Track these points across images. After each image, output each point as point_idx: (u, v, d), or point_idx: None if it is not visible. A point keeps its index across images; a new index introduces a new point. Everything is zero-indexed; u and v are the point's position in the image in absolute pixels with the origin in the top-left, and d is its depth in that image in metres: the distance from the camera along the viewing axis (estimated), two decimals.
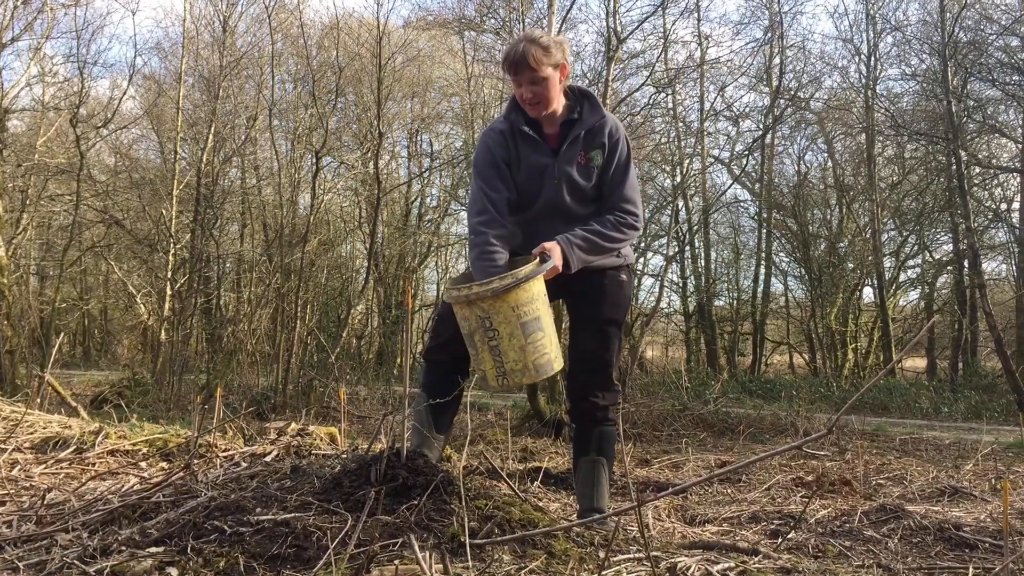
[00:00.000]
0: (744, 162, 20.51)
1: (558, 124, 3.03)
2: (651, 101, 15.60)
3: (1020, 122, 17.83)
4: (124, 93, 17.17)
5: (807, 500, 3.92)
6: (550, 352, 2.82)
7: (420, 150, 23.76)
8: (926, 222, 19.57)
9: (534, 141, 3.02)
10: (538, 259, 2.82)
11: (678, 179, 19.32)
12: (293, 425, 4.20)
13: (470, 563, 2.08)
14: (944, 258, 20.12)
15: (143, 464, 3.86)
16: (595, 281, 3.03)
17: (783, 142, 21.59)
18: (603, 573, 2.07)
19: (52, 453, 4.04)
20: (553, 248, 2.83)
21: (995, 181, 19.08)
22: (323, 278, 18.02)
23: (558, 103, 3.00)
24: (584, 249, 2.90)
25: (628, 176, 3.04)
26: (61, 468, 3.81)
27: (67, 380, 13.53)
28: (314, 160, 13.85)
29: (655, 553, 2.31)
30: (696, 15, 19.31)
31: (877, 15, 19.63)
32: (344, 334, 15.77)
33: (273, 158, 17.44)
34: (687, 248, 20.70)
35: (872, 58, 19.58)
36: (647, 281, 21.06)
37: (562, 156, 3.00)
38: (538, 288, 2.78)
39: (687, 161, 19.66)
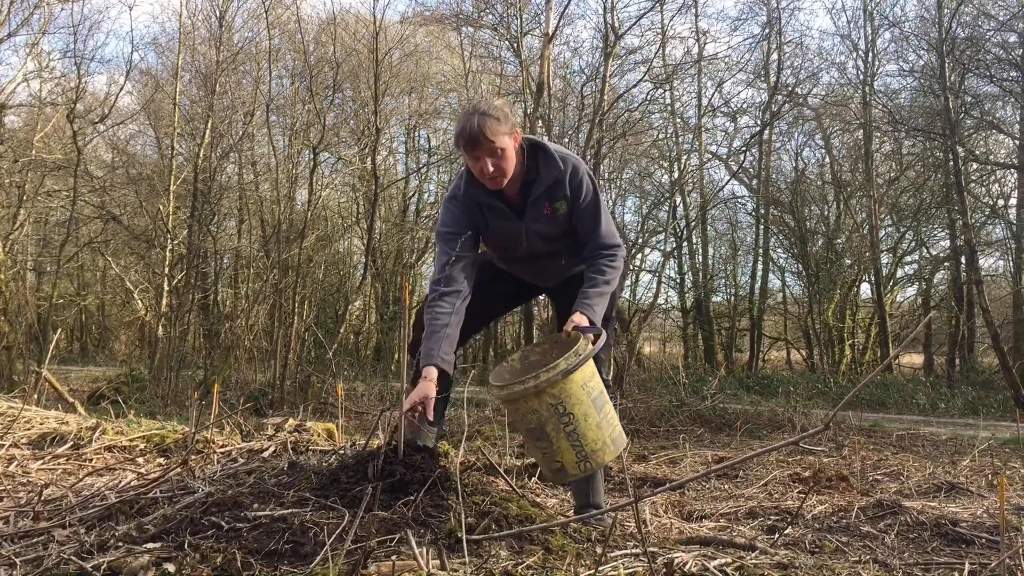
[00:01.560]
0: (742, 158, 20.47)
1: (518, 184, 3.04)
2: (649, 97, 15.59)
3: (1017, 118, 17.84)
4: (121, 89, 17.15)
5: (804, 496, 3.93)
6: (618, 423, 2.82)
7: (417, 146, 23.78)
8: (923, 218, 19.57)
9: (498, 209, 3.05)
10: (581, 337, 2.77)
11: (676, 175, 19.32)
12: (290, 421, 4.20)
13: (467, 559, 2.08)
14: (941, 254, 20.13)
15: (140, 460, 3.85)
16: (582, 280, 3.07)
17: (781, 138, 21.58)
18: (600, 569, 2.07)
19: (49, 449, 4.04)
20: (581, 320, 2.87)
21: (992, 177, 19.09)
22: (321, 274, 17.99)
23: (515, 167, 2.99)
24: (600, 304, 2.97)
25: (599, 213, 3.06)
26: (58, 464, 3.81)
27: (64, 376, 13.51)
28: (311, 156, 13.84)
29: (652, 549, 2.31)
30: (694, 11, 19.27)
31: (875, 11, 19.62)
32: (342, 330, 15.77)
33: (270, 154, 17.41)
34: (685, 244, 20.71)
35: (870, 54, 19.58)
36: (644, 277, 21.09)
37: (528, 217, 3.05)
38: (593, 364, 2.76)
39: (685, 157, 19.66)
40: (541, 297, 3.05)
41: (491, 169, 2.87)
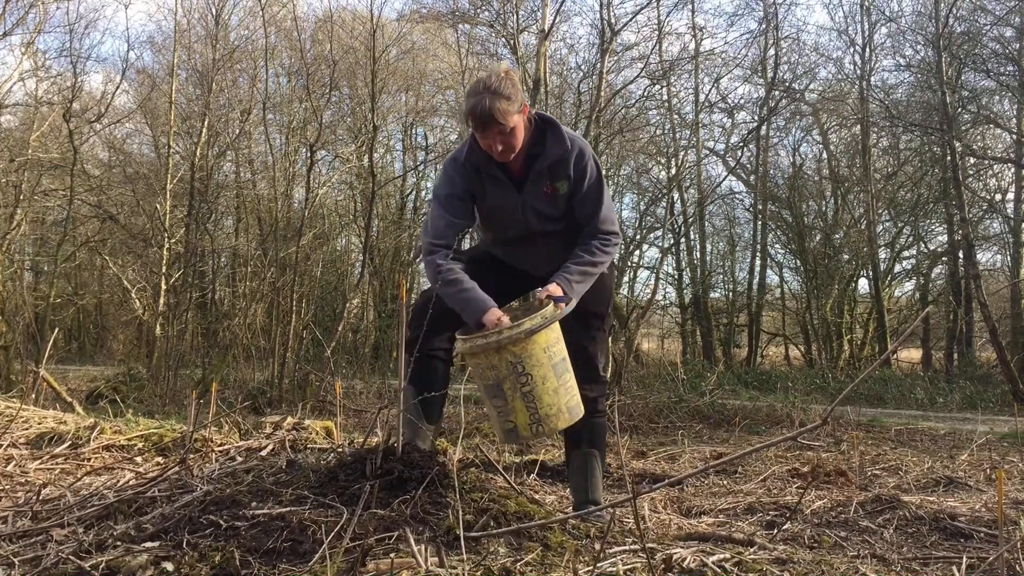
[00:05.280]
0: (739, 154, 20.51)
1: (522, 157, 3.02)
2: (646, 93, 15.63)
3: (1014, 112, 17.85)
4: (117, 87, 17.14)
5: (803, 491, 3.93)
6: (577, 394, 2.82)
7: (415, 143, 23.75)
8: (921, 213, 19.59)
9: (498, 179, 3.03)
10: (552, 302, 2.78)
11: (673, 171, 19.32)
12: (289, 419, 4.20)
13: (465, 556, 2.08)
14: (939, 249, 20.14)
15: (138, 459, 3.85)
16: None
17: (778, 134, 21.58)
18: (599, 565, 2.07)
19: (47, 449, 4.03)
20: (556, 290, 2.85)
21: (989, 172, 19.12)
22: (318, 272, 17.97)
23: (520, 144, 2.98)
24: (581, 282, 2.95)
25: (602, 198, 3.05)
26: (56, 463, 3.80)
27: (62, 375, 13.48)
28: (309, 154, 13.79)
29: (651, 545, 2.31)
30: (690, 6, 19.33)
31: (871, 6, 19.62)
32: (340, 328, 15.74)
33: (267, 152, 17.40)
34: (682, 240, 20.71)
35: (867, 49, 19.58)
36: (642, 274, 21.09)
37: (527, 192, 3.02)
38: (559, 330, 2.78)
39: (682, 153, 19.66)
40: (534, 294, 3.03)
41: (500, 148, 2.89)
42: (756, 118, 19.90)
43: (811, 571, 2.21)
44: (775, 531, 3.11)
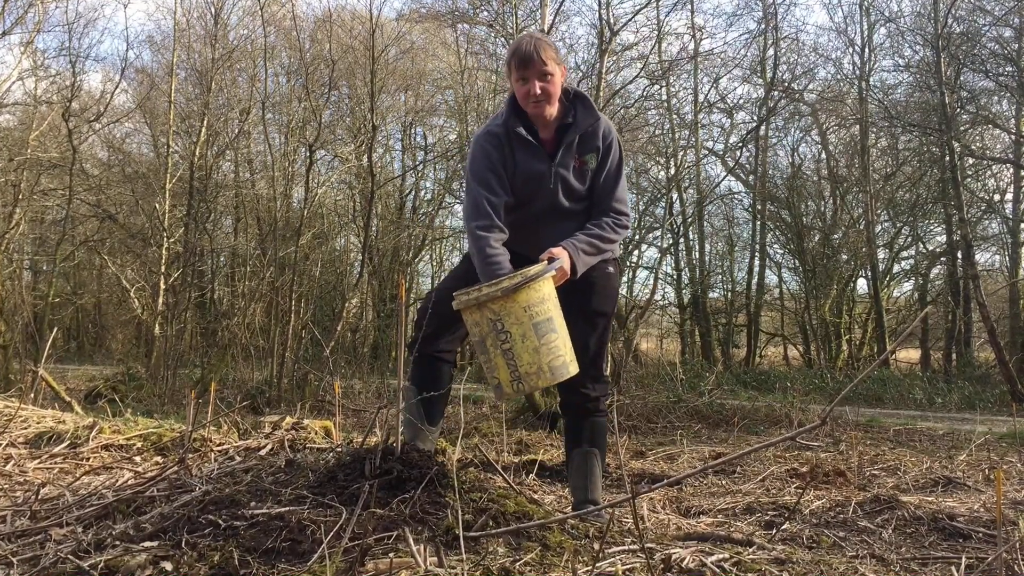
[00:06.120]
0: (738, 154, 20.53)
1: (553, 128, 3.07)
2: (645, 93, 15.59)
3: (1013, 113, 17.86)
4: (116, 87, 17.10)
5: (801, 491, 3.93)
6: (565, 355, 2.81)
7: (414, 143, 23.75)
8: (920, 213, 19.61)
9: (531, 146, 3.04)
10: (546, 261, 2.83)
11: (672, 171, 19.31)
12: (288, 419, 4.19)
13: (464, 556, 2.08)
14: (938, 249, 20.17)
15: (137, 459, 3.85)
16: (584, 274, 3.05)
17: (777, 134, 21.61)
18: (598, 565, 2.07)
19: (46, 448, 4.03)
20: (560, 253, 2.88)
21: (988, 172, 19.14)
22: (317, 272, 17.97)
23: (558, 100, 3.03)
24: (588, 253, 2.98)
25: (620, 178, 3.12)
26: (55, 463, 3.80)
27: (61, 375, 13.48)
28: (308, 153, 13.79)
29: (650, 545, 2.31)
30: (690, 6, 19.35)
31: (871, 6, 19.65)
32: (339, 328, 15.74)
33: (266, 152, 17.38)
34: (681, 240, 20.72)
35: (866, 49, 19.61)
36: (641, 273, 21.11)
37: (559, 161, 3.05)
38: (548, 289, 2.78)
39: (681, 153, 19.64)
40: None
41: (538, 91, 2.93)
42: (755, 118, 19.93)
43: (810, 571, 2.21)
44: (774, 531, 3.11)
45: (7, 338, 11.92)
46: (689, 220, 20.13)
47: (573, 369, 2.83)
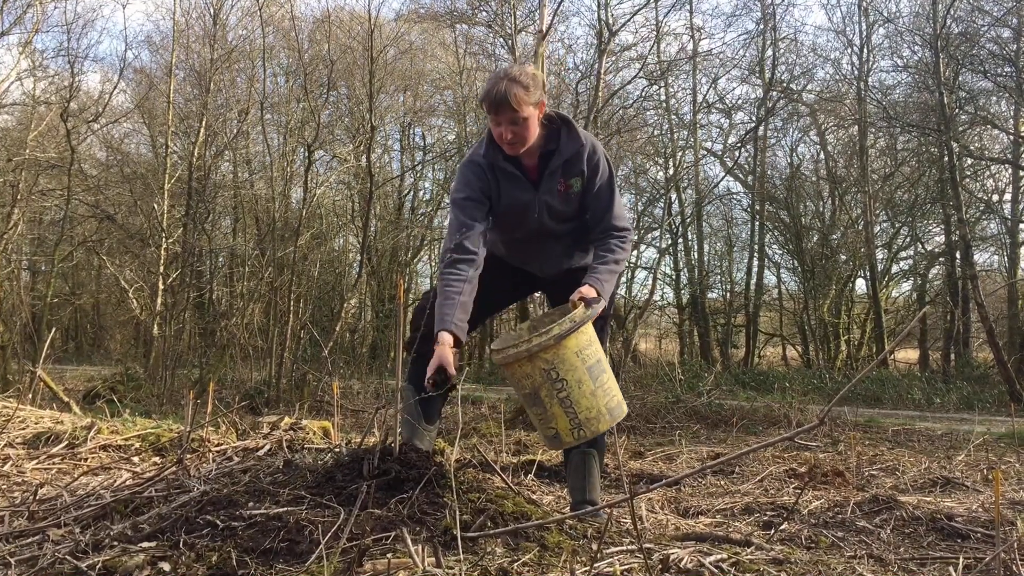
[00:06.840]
0: (737, 154, 20.56)
1: (536, 155, 3.05)
2: (643, 94, 15.65)
3: (1011, 113, 17.86)
4: (115, 87, 17.06)
5: (800, 491, 3.93)
6: (617, 394, 2.80)
7: (413, 143, 23.74)
8: (918, 213, 19.61)
9: (514, 176, 3.04)
10: (583, 304, 2.76)
11: (671, 172, 19.34)
12: (286, 419, 4.19)
13: (462, 556, 2.08)
14: (936, 249, 20.18)
15: (135, 459, 3.85)
16: (580, 278, 3.05)
17: (775, 134, 21.61)
18: (596, 565, 2.07)
19: (44, 448, 4.03)
20: (589, 292, 2.86)
21: (987, 172, 19.14)
22: (316, 272, 17.95)
23: (535, 137, 3.01)
24: (609, 281, 2.97)
25: (614, 195, 3.09)
26: (53, 463, 3.80)
27: (59, 375, 13.48)
28: (306, 154, 13.80)
29: (648, 545, 2.31)
30: (688, 7, 19.33)
31: (869, 7, 19.64)
32: (337, 328, 15.74)
33: (265, 152, 17.35)
34: (680, 241, 20.73)
35: (864, 50, 19.60)
36: (640, 274, 21.12)
37: (542, 189, 3.04)
38: (592, 332, 2.75)
39: (680, 154, 19.67)
40: (537, 294, 3.05)
41: (510, 136, 2.90)
42: (754, 118, 19.95)
43: (808, 571, 2.21)
44: (772, 531, 3.11)
45: (5, 338, 11.92)
46: (688, 220, 20.15)
47: (625, 408, 2.82)
